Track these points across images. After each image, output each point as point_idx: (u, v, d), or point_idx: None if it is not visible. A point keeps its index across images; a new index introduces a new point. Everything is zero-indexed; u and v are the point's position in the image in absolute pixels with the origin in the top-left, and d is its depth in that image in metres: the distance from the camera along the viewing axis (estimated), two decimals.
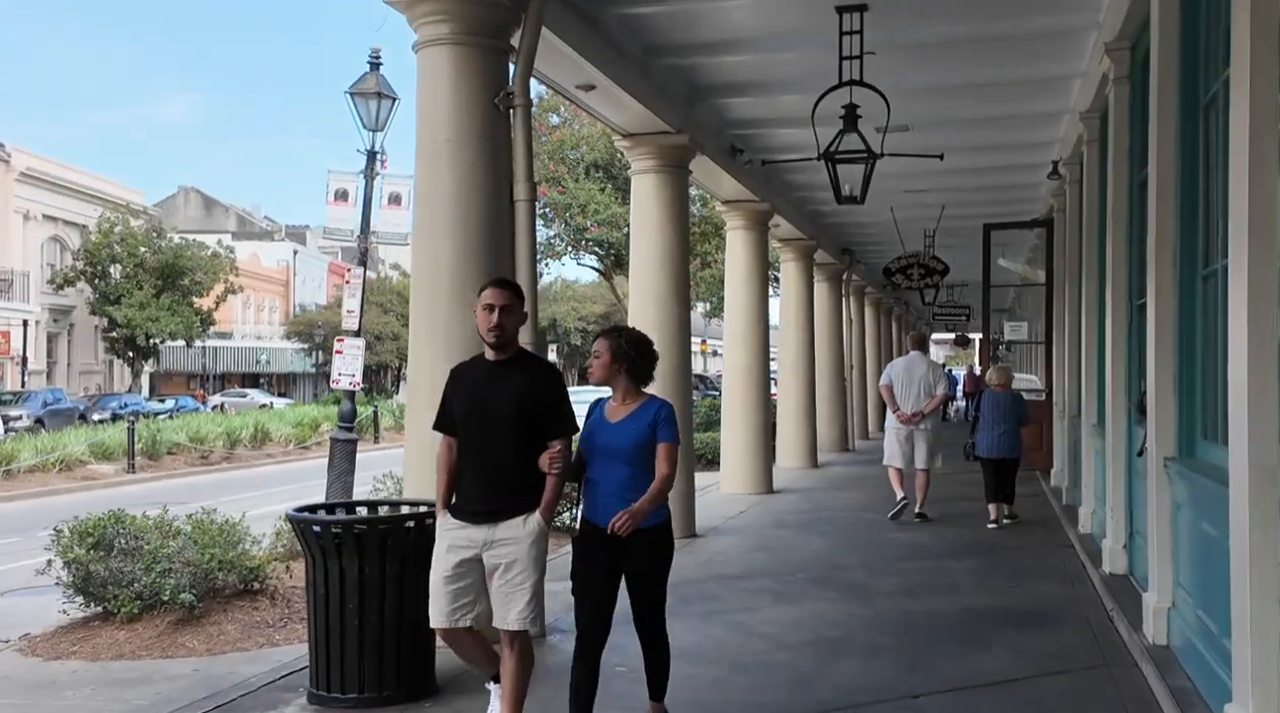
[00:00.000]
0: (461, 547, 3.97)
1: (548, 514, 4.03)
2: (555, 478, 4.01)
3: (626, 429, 4.02)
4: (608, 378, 4.10)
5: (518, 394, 3.94)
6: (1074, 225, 10.45)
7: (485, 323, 3.97)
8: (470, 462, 4.02)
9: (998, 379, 10.36)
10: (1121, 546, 6.83)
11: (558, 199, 16.33)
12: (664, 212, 9.39)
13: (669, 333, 9.35)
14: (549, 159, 16.60)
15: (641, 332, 4.34)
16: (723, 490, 12.83)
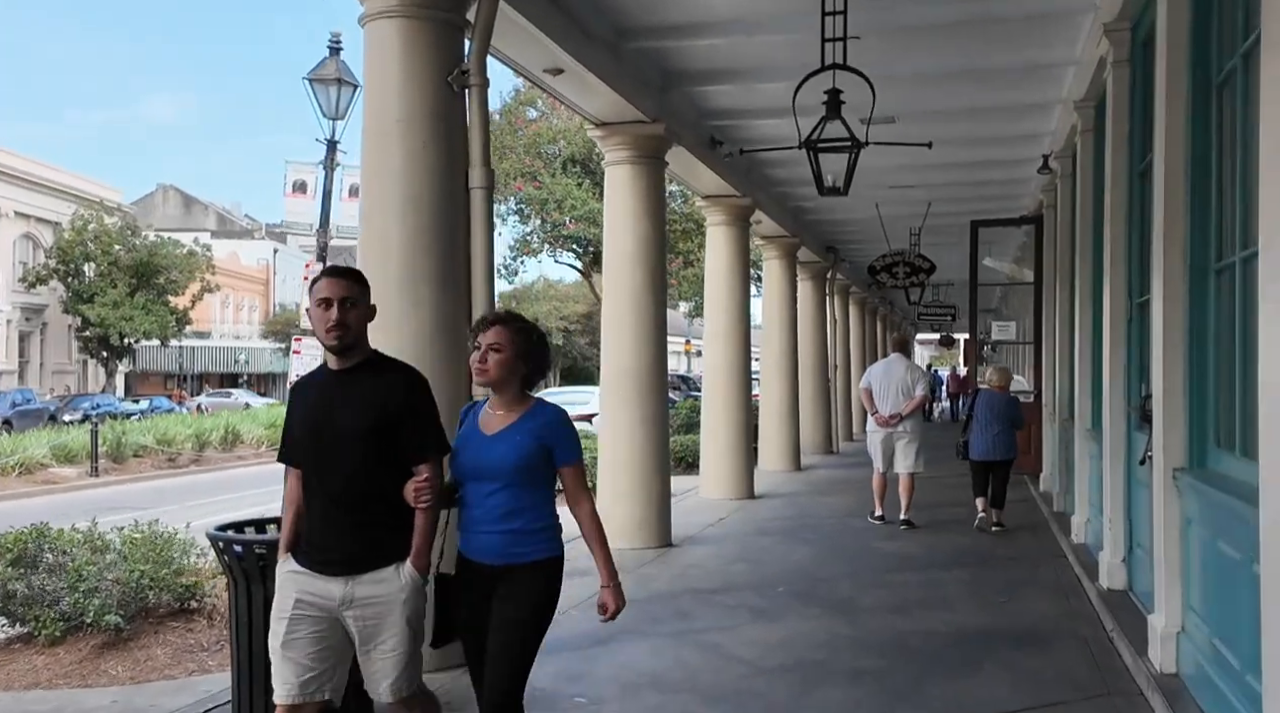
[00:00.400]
0: (311, 603, 3.21)
1: (421, 561, 3.24)
2: (425, 513, 3.23)
3: (507, 443, 3.23)
4: (504, 379, 3.27)
5: (370, 408, 3.18)
6: (1066, 221, 10.05)
7: (322, 322, 3.19)
8: (317, 497, 3.24)
9: (997, 380, 9.99)
10: (1120, 559, 6.42)
11: (534, 194, 15.86)
12: (639, 204, 8.94)
13: (645, 331, 8.91)
14: (525, 153, 16.14)
15: None
16: (702, 495, 12.40)
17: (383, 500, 3.21)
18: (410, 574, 3.22)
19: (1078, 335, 8.50)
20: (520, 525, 3.24)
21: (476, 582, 3.26)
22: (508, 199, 16.58)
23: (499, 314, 3.41)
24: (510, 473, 3.21)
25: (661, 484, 8.96)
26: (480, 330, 3.33)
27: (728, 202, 12.38)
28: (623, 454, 8.87)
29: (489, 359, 3.25)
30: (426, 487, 3.20)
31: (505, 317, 3.39)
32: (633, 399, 8.85)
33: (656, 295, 9.01)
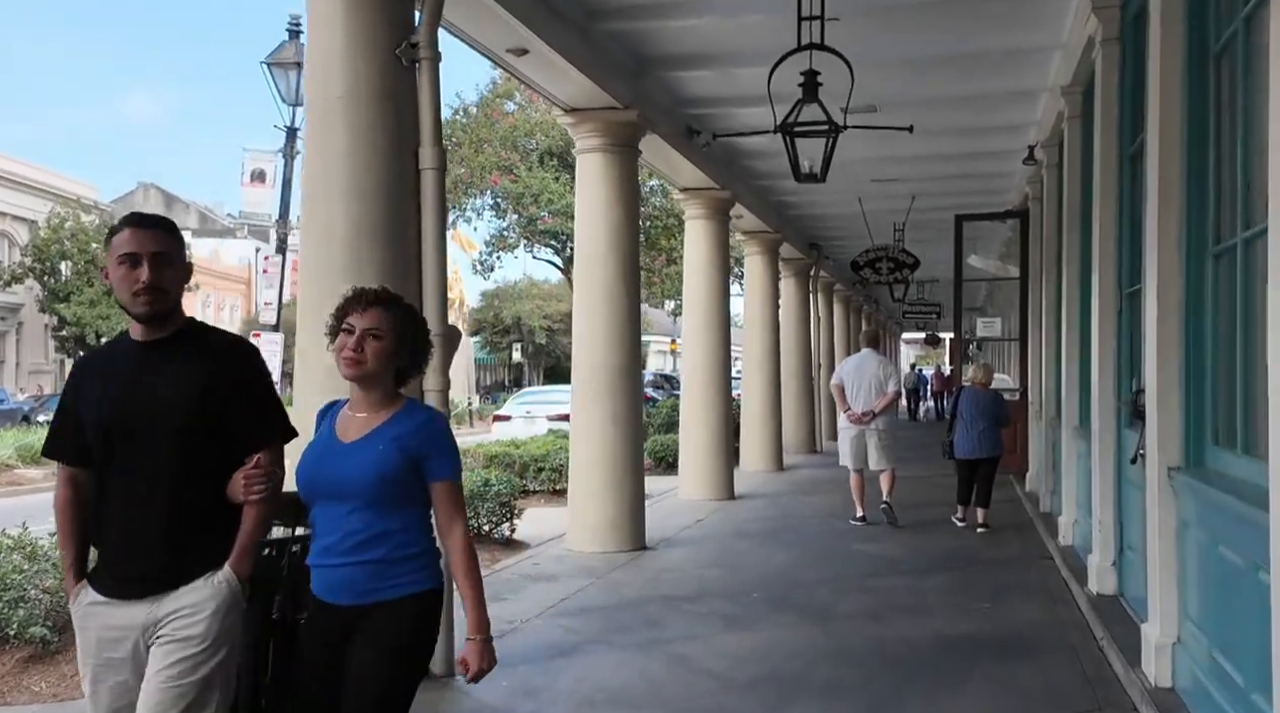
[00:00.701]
0: (115, 642, 2.57)
1: (242, 564, 2.61)
2: (256, 507, 2.61)
3: (367, 453, 2.63)
4: (378, 373, 2.68)
5: (192, 388, 2.57)
6: (1053, 212, 9.77)
7: (128, 284, 2.56)
8: (114, 502, 2.60)
9: (980, 377, 9.81)
10: (1110, 563, 6.12)
11: (510, 188, 15.50)
12: (611, 194, 8.60)
13: (617, 327, 8.58)
14: (501, 146, 15.78)
15: None
16: (681, 497, 12.08)
17: (198, 502, 2.59)
18: (227, 581, 2.58)
19: (1064, 330, 8.21)
20: (384, 554, 2.62)
21: (329, 629, 2.64)
22: (484, 193, 16.24)
23: (377, 292, 2.76)
24: (370, 490, 2.61)
25: (634, 485, 8.63)
26: (352, 310, 2.70)
27: (706, 194, 12.05)
28: (594, 453, 8.53)
29: (366, 347, 2.66)
30: (259, 475, 2.59)
31: (385, 296, 2.76)
32: (605, 396, 8.52)
33: (629, 288, 8.68)
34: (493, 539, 8.93)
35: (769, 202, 14.97)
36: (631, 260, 8.75)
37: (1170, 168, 4.43)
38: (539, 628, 6.01)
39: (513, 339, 39.16)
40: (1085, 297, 7.81)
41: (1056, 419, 9.35)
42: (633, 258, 8.78)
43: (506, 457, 12.33)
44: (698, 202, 12.15)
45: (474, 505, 8.69)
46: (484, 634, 2.68)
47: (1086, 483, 7.24)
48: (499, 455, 12.35)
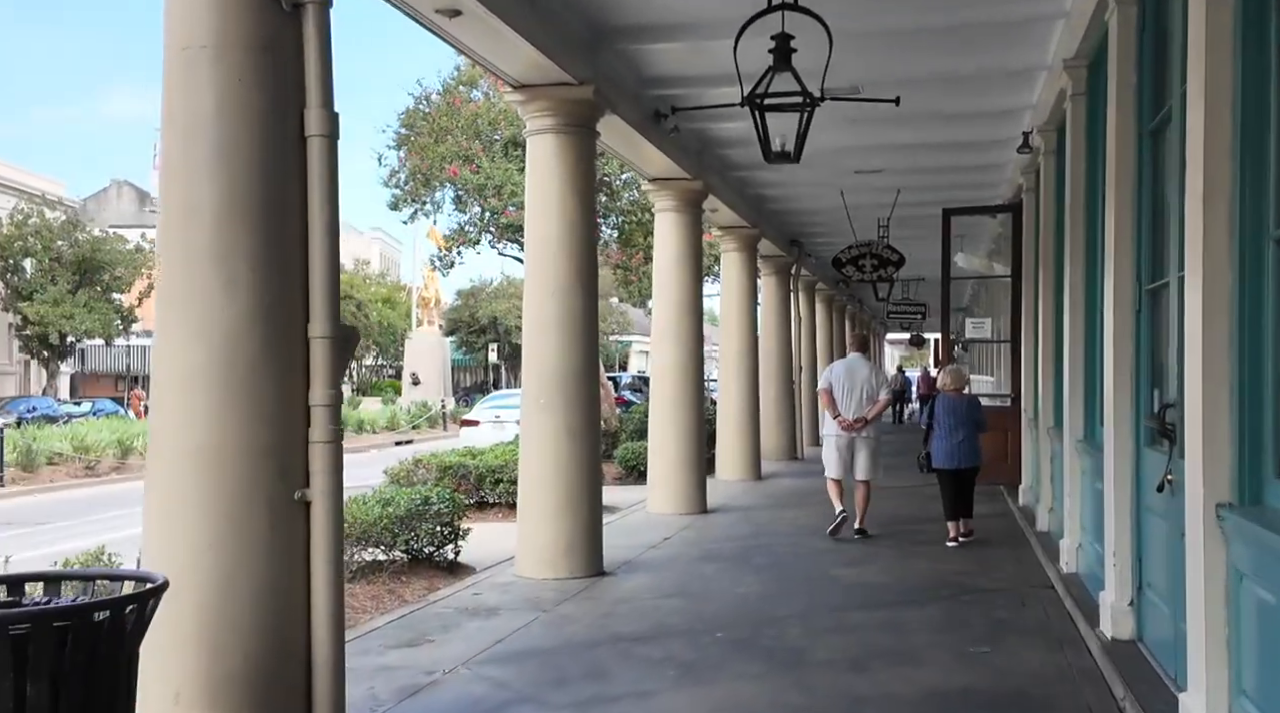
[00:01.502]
0: None
1: None
2: None
3: None
4: None
5: None
6: (1051, 203, 8.95)
7: None
8: None
9: (951, 382, 9.33)
10: (1127, 603, 5.30)
11: (471, 179, 14.59)
12: (565, 181, 7.73)
13: (571, 329, 7.71)
14: (463, 135, 14.88)
15: None
16: (650, 510, 11.22)
17: None
18: None
19: (1067, 331, 7.39)
20: None
21: None
22: (445, 187, 15.32)
23: None
24: None
25: (590, 505, 7.76)
26: None
27: (677, 185, 11.20)
28: (547, 470, 7.66)
29: None
30: None
31: None
32: (557, 406, 7.65)
33: (585, 286, 7.81)
34: (434, 563, 8.05)
35: (746, 195, 14.13)
36: (587, 253, 7.88)
37: (1218, 137, 3.60)
38: (462, 682, 5.13)
39: (489, 340, 38.19)
40: (1092, 294, 6.99)
41: (1057, 429, 8.54)
42: (589, 250, 7.91)
43: (461, 467, 11.45)
44: (667, 193, 11.30)
45: (412, 526, 7.81)
46: None
47: (1095, 506, 6.42)
48: (453, 466, 11.47)
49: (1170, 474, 4.36)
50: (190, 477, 3.99)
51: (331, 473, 4.15)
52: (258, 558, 3.99)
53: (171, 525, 4.01)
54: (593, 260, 8.00)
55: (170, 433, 4.06)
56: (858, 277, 14.09)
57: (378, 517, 7.54)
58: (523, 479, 7.83)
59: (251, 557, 3.98)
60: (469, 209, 15.24)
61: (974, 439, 9.07)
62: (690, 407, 11.32)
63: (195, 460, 3.98)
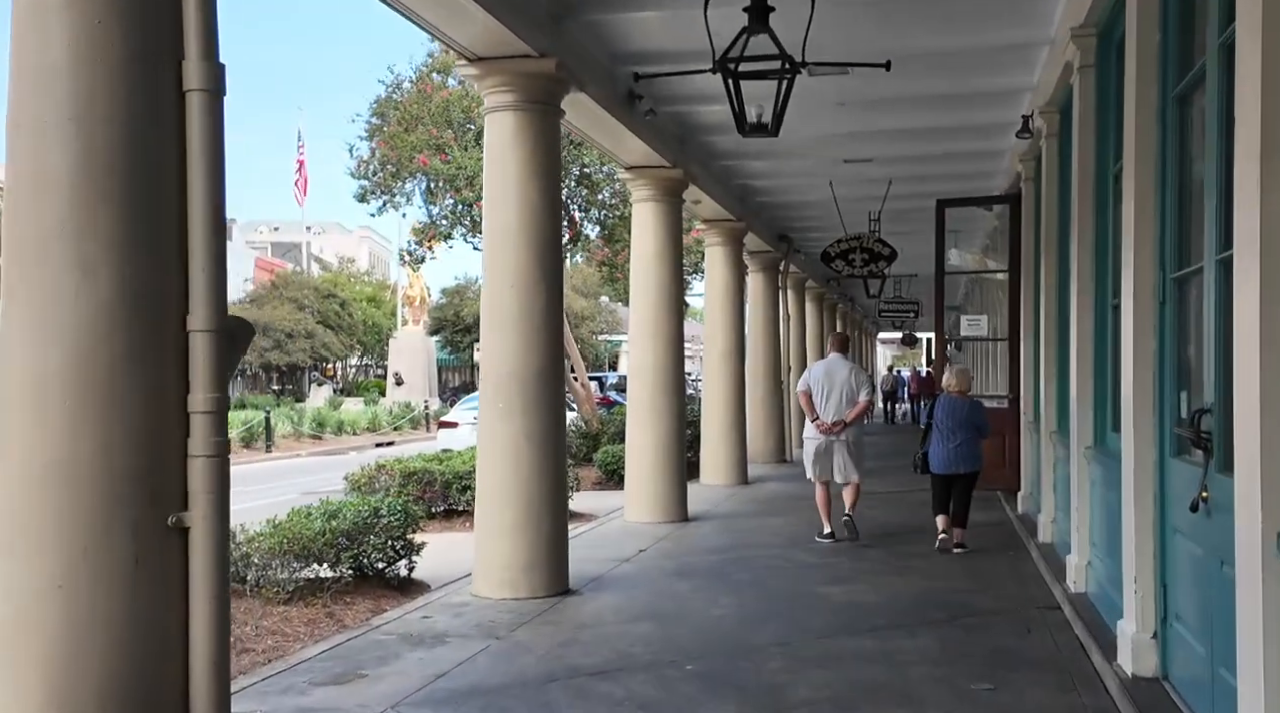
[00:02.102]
0: None
1: None
2: None
3: None
4: None
5: None
6: (1054, 190, 8.32)
7: None
8: None
9: (956, 383, 8.84)
10: (1150, 635, 4.66)
11: (441, 169, 13.89)
12: (526, 163, 7.06)
13: (532, 326, 7.05)
14: (433, 123, 14.18)
15: None
16: (627, 519, 10.57)
17: None
18: None
19: (1074, 328, 6.75)
20: None
21: None
22: (414, 177, 14.62)
23: None
24: None
25: (554, 517, 7.09)
26: None
27: (655, 173, 10.54)
28: (506, 480, 6.99)
29: None
30: None
31: None
32: (516, 410, 6.98)
33: (548, 279, 7.14)
34: (385, 581, 7.38)
35: (730, 186, 13.48)
36: (551, 243, 7.20)
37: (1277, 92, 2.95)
38: None
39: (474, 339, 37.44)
40: (1102, 286, 6.37)
41: (1061, 434, 7.91)
42: (552, 240, 7.24)
43: (426, 473, 10.76)
44: (645, 181, 10.64)
45: (360, 541, 7.13)
46: None
47: (1108, 521, 5.79)
48: (418, 472, 10.78)
49: (1207, 491, 3.71)
50: (38, 502, 3.31)
51: (214, 493, 3.48)
52: (120, 596, 3.32)
53: (13, 560, 3.33)
54: (556, 251, 7.33)
55: (16, 451, 3.38)
56: (847, 271, 13.45)
57: (320, 531, 6.86)
58: (480, 491, 7.16)
59: (112, 594, 3.31)
60: (440, 201, 14.54)
61: (973, 444, 8.61)
62: (670, 409, 10.66)
63: (44, 482, 3.30)
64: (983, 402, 9.96)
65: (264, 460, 23.17)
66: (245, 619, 6.15)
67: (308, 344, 38.01)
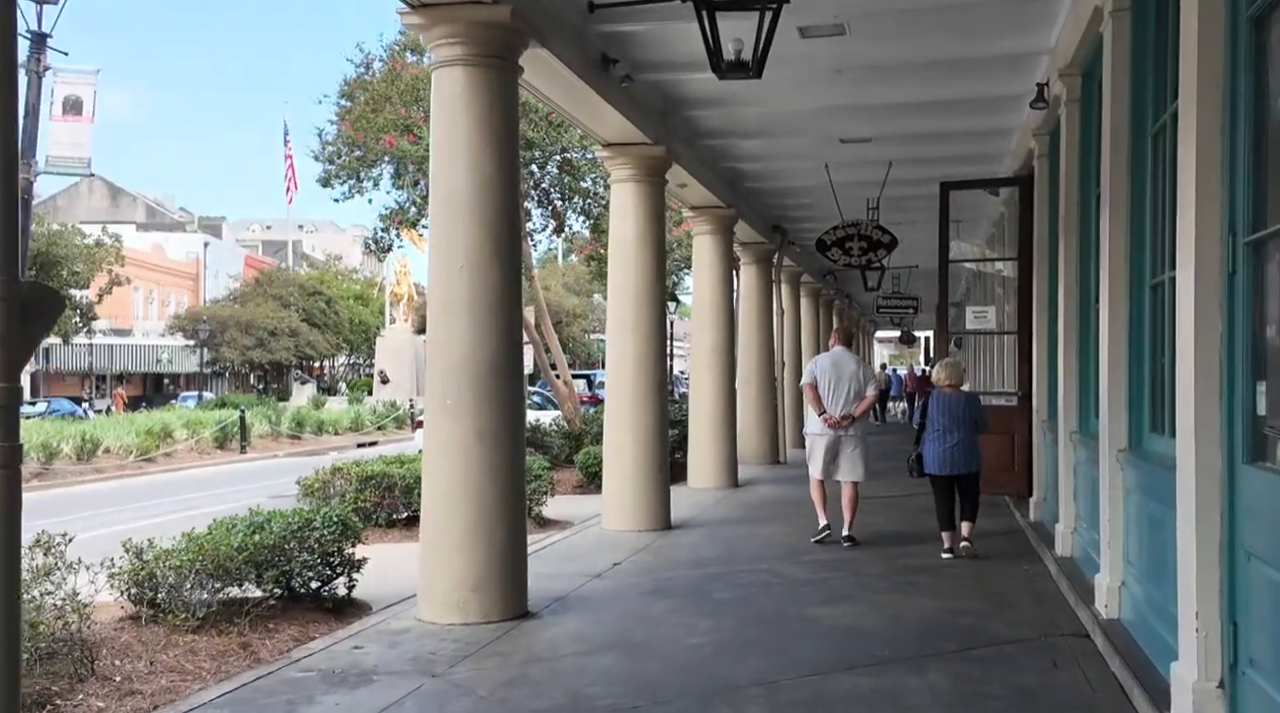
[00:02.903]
0: None
1: None
2: None
3: None
4: None
5: None
6: (1075, 162, 7.45)
7: None
8: None
9: (947, 377, 8.29)
10: (1216, 684, 3.78)
11: (409, 151, 12.97)
12: (478, 124, 6.19)
13: (485, 311, 6.18)
14: (401, 102, 13.30)
15: None
16: (605, 527, 9.70)
17: None
18: None
19: (1104, 313, 5.88)
20: None
21: None
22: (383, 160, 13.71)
23: None
24: None
25: (509, 529, 6.21)
26: None
27: (635, 150, 9.66)
28: (455, 488, 6.12)
29: None
30: None
31: None
32: (468, 408, 6.10)
33: (503, 258, 6.26)
34: (320, 603, 6.51)
35: (719, 169, 12.60)
36: (507, 217, 6.32)
37: None
38: None
39: None
40: (1138, 263, 5.51)
41: (1084, 435, 7.05)
42: (508, 214, 6.35)
43: (386, 477, 9.88)
44: (624, 159, 9.76)
45: (289, 557, 6.26)
46: None
47: (1149, 539, 4.94)
48: (377, 476, 9.90)
49: None
50: None
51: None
52: None
53: None
54: (514, 226, 6.45)
55: None
56: (844, 260, 12.56)
57: (239, 547, 5.98)
58: (426, 501, 6.28)
59: None
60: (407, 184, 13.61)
61: (972, 442, 8.06)
62: (651, 407, 9.79)
63: None
64: (979, 396, 9.19)
65: (237, 462, 22.27)
66: (141, 653, 5.27)
67: (291, 342, 37.09)
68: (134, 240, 51.39)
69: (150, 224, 64.17)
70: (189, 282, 58.54)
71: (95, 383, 50.02)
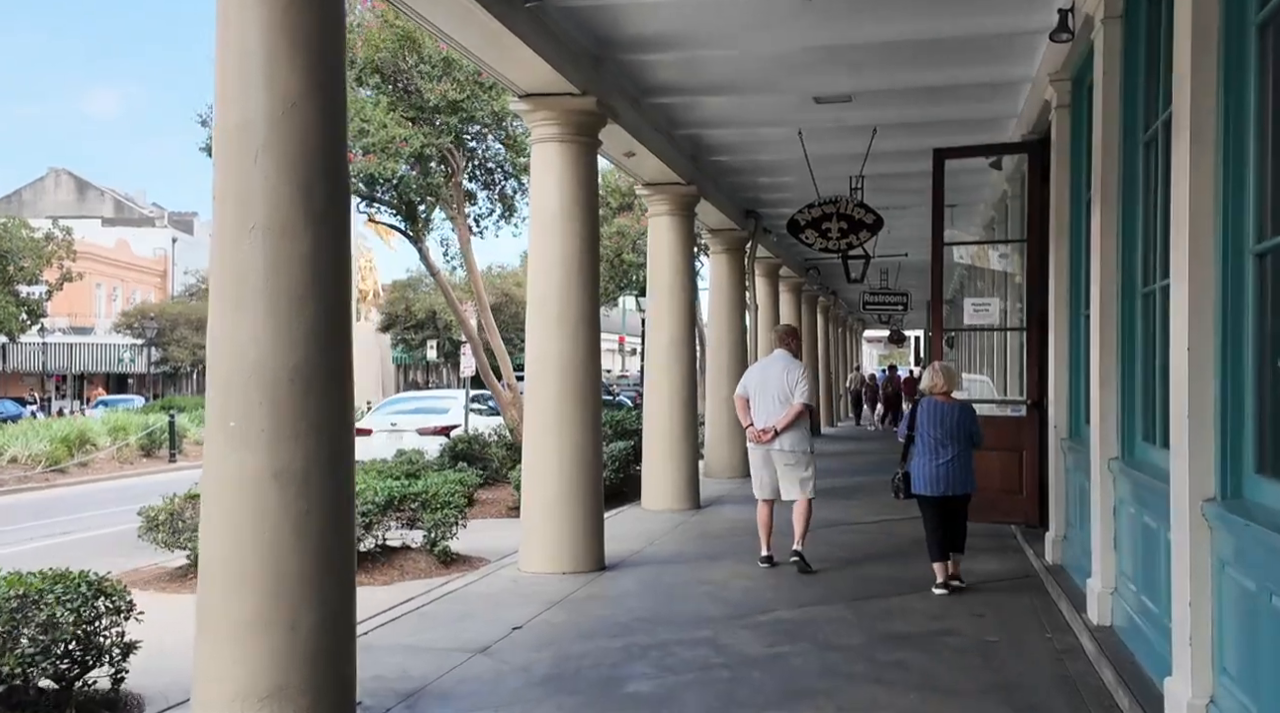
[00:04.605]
0: None
1: None
2: None
3: None
4: None
5: None
6: (1117, 105, 5.62)
7: None
8: None
9: (939, 384, 7.12)
10: None
11: None
12: (267, 31, 4.32)
13: (286, 293, 4.35)
14: None
15: None
16: (521, 569, 7.85)
17: None
18: None
19: (1178, 300, 4.04)
20: None
21: None
22: None
23: None
24: None
25: (326, 608, 4.31)
26: None
27: (557, 102, 7.82)
28: (242, 547, 4.24)
29: None
30: None
31: None
32: (263, 432, 4.22)
33: (318, 220, 4.38)
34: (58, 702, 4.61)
35: (676, 138, 10.76)
36: (328, 160, 4.44)
37: None
38: None
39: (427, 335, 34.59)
40: (1237, 222, 3.68)
41: (1130, 465, 5.22)
42: (334, 158, 4.47)
43: None
44: (545, 114, 7.90)
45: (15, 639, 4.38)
46: None
47: (1266, 635, 3.10)
48: None
49: None
50: None
51: None
52: None
53: None
54: (339, 177, 4.57)
55: None
56: (821, 244, 10.69)
57: None
58: (203, 566, 4.38)
59: None
60: None
61: (966, 459, 6.99)
62: (580, 419, 7.93)
63: None
64: (972, 406, 7.49)
65: (162, 473, 20.24)
66: None
67: None
68: (98, 235, 49.43)
69: (117, 219, 62.18)
70: (156, 278, 56.53)
71: (56, 384, 47.91)
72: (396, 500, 8.42)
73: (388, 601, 7.00)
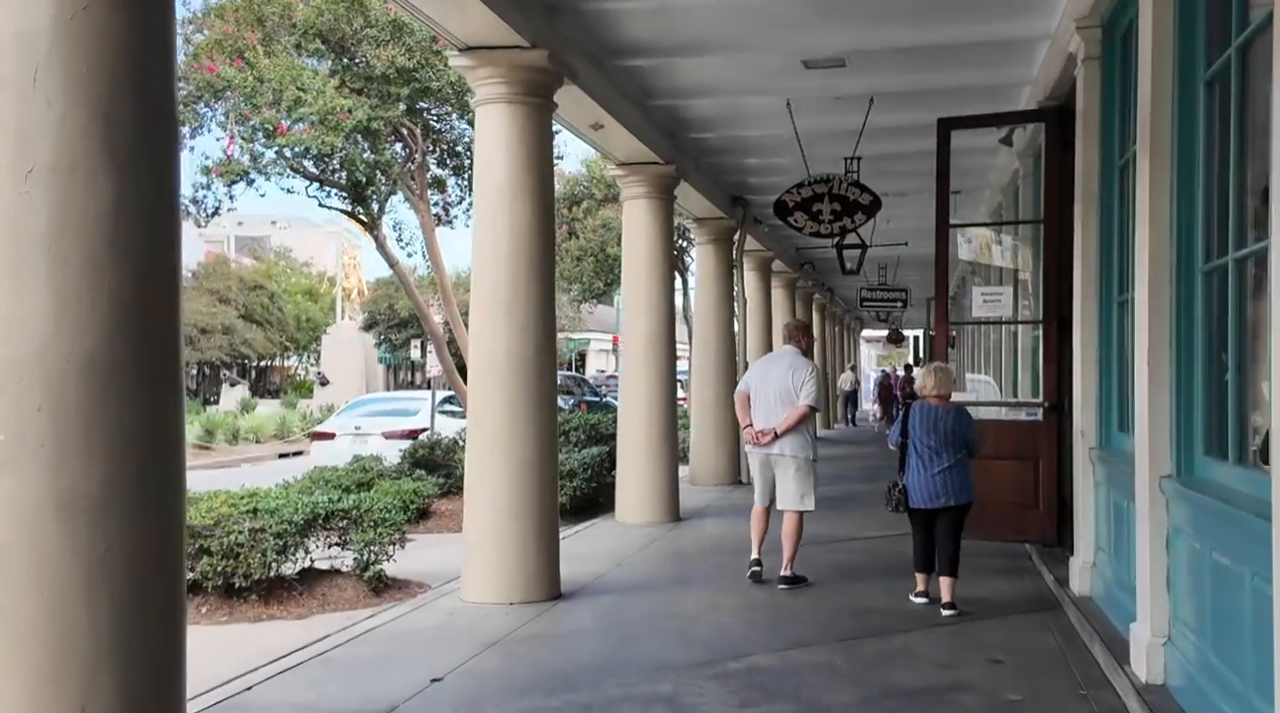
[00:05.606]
0: None
1: None
2: None
3: None
4: None
5: None
6: (1169, 42, 4.52)
7: None
8: None
9: (935, 386, 6.55)
10: None
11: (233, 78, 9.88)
12: None
13: (89, 256, 3.20)
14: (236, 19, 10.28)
15: None
16: (464, 598, 6.76)
17: None
18: None
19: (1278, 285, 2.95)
20: None
21: None
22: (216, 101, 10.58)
23: None
24: None
25: (132, 672, 3.23)
26: None
27: (504, 57, 6.72)
28: (18, 595, 3.15)
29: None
30: None
31: None
32: (43, 448, 3.13)
33: (126, 162, 3.29)
34: None
35: (651, 110, 9.67)
36: (163, 117, 3.35)
37: None
38: None
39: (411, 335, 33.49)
40: None
41: (1186, 485, 4.13)
42: (164, 116, 3.38)
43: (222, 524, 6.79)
44: (490, 70, 6.81)
45: None
46: None
47: None
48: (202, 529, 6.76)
49: None
50: None
51: None
52: None
53: None
54: (159, 96, 3.47)
55: None
56: (811, 228, 9.57)
57: None
58: None
59: None
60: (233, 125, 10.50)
61: (963, 468, 6.48)
62: (532, 426, 6.82)
63: None
64: (967, 410, 6.76)
65: None
66: None
67: (225, 340, 33.96)
68: None
69: None
70: None
71: None
72: (322, 518, 7.31)
73: (295, 641, 5.91)
